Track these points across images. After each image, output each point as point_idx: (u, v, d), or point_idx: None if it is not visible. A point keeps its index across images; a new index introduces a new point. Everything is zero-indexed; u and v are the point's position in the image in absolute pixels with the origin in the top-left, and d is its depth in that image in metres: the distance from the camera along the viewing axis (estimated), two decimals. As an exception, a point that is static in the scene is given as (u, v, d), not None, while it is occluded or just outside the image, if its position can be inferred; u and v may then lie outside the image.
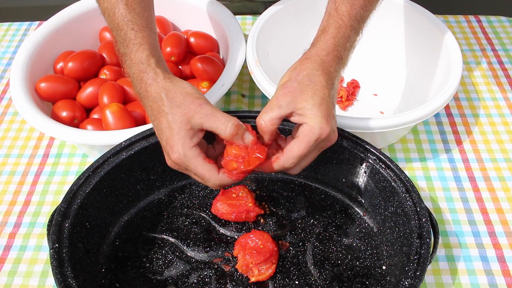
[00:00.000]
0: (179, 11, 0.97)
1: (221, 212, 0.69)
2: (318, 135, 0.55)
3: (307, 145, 0.55)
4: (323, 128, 0.54)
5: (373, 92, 0.91)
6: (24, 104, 0.76)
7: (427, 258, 0.56)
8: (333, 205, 0.71)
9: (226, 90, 0.77)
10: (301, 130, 0.55)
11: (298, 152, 0.55)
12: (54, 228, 0.59)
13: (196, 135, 0.55)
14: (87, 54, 0.87)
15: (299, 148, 0.55)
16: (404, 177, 0.63)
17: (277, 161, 0.57)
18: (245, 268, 0.63)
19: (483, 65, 0.98)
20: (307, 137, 0.55)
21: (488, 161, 0.81)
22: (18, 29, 1.10)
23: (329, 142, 0.57)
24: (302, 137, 0.55)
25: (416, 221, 0.59)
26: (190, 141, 0.55)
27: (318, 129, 0.54)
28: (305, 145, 0.55)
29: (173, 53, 0.87)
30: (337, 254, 0.66)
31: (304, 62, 0.58)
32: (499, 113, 0.89)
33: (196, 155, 0.55)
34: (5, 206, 0.77)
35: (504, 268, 0.68)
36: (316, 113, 0.54)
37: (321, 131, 0.54)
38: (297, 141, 0.55)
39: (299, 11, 0.91)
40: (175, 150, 0.55)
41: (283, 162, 0.57)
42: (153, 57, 0.58)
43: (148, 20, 0.61)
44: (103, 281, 0.63)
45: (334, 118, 0.57)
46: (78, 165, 0.82)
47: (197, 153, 0.55)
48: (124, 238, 0.68)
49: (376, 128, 0.71)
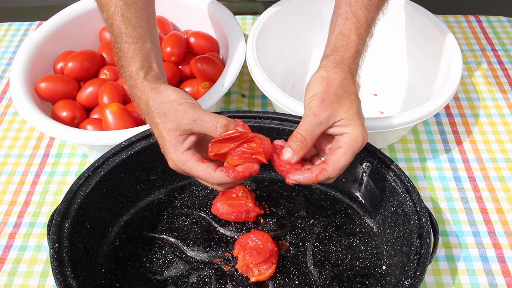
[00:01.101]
0: (179, 11, 0.97)
1: (221, 212, 0.69)
2: (361, 143, 0.56)
3: (353, 155, 0.55)
4: (364, 137, 0.56)
5: (373, 92, 0.91)
6: (24, 104, 0.76)
7: (427, 258, 0.56)
8: (333, 205, 0.71)
9: (226, 90, 0.77)
10: (345, 141, 0.55)
11: (344, 163, 0.55)
12: (54, 228, 0.59)
13: (188, 139, 0.56)
14: (87, 54, 0.87)
15: (345, 158, 0.55)
16: (404, 177, 0.63)
17: (324, 173, 0.55)
18: (245, 268, 0.63)
19: (483, 65, 0.98)
20: (351, 147, 0.55)
21: (488, 161, 0.81)
22: (18, 29, 1.10)
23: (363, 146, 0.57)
24: (347, 147, 0.55)
25: (416, 221, 0.59)
26: (181, 146, 0.56)
27: (361, 137, 0.55)
28: (350, 155, 0.55)
29: (173, 53, 0.87)
30: (337, 254, 0.66)
31: (334, 70, 0.58)
32: (499, 113, 0.88)
33: (188, 159, 0.56)
34: (5, 206, 0.77)
35: (504, 268, 0.68)
36: (356, 123, 0.55)
37: (363, 139, 0.56)
38: (343, 152, 0.55)
39: (299, 11, 0.91)
40: (169, 157, 0.57)
41: (330, 173, 0.55)
42: (142, 69, 0.59)
43: (144, 30, 0.61)
44: (103, 281, 0.63)
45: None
46: (78, 165, 0.82)
47: (189, 157, 0.56)
48: (124, 238, 0.68)
49: (376, 128, 0.71)
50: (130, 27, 0.60)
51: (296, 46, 0.94)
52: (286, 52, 0.93)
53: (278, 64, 0.89)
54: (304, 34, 0.94)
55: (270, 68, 0.82)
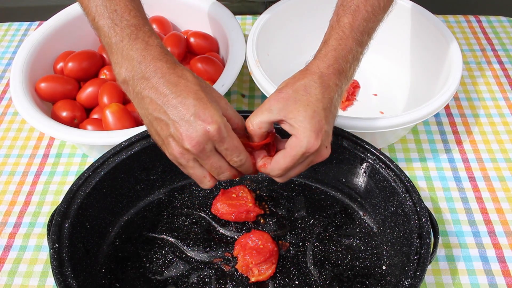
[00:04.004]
0: (179, 11, 0.97)
1: (221, 212, 0.69)
2: (305, 149, 0.53)
3: (293, 159, 0.54)
4: (311, 143, 0.53)
5: (373, 92, 0.91)
6: (24, 104, 0.76)
7: (427, 258, 0.56)
8: (333, 205, 0.71)
9: (226, 90, 0.77)
10: (289, 142, 0.54)
11: (283, 165, 0.54)
12: (54, 228, 0.59)
13: None
14: (87, 54, 0.87)
15: (284, 161, 0.54)
16: (404, 177, 0.63)
17: (264, 168, 0.56)
18: (245, 268, 0.63)
19: (483, 65, 0.98)
20: (293, 150, 0.53)
21: (488, 161, 0.81)
22: (18, 29, 1.10)
23: (320, 158, 0.56)
24: (289, 149, 0.54)
25: (416, 221, 0.59)
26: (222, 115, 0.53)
27: (305, 143, 0.53)
28: (290, 159, 0.54)
29: (173, 53, 0.86)
30: (337, 254, 0.66)
31: (304, 72, 0.57)
32: (499, 113, 0.89)
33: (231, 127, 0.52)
34: (5, 206, 0.77)
35: (504, 268, 0.68)
36: (306, 126, 0.53)
37: (308, 145, 0.53)
38: (283, 153, 0.54)
39: (299, 11, 0.91)
40: (215, 120, 0.50)
41: (269, 170, 0.56)
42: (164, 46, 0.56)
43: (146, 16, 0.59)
44: (103, 281, 0.63)
45: (327, 134, 0.55)
46: (78, 165, 0.82)
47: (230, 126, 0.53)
48: (124, 238, 0.68)
49: (376, 128, 0.71)
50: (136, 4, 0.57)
51: (296, 46, 0.94)
52: (286, 52, 0.93)
53: (278, 64, 0.89)
54: (304, 34, 0.94)
55: (270, 68, 0.82)
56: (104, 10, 0.55)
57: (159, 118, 0.52)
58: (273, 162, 0.55)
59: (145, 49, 0.53)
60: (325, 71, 0.57)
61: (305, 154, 0.54)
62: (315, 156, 0.55)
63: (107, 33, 0.55)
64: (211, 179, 0.55)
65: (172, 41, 0.88)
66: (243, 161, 0.54)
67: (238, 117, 0.56)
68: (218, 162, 0.53)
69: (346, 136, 0.67)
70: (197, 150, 0.51)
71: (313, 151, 0.53)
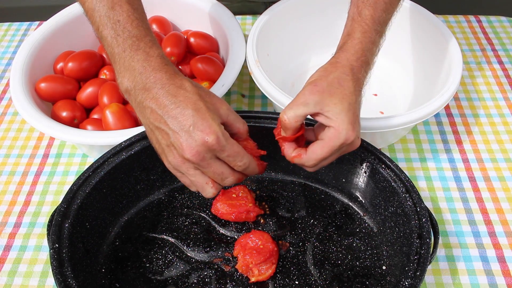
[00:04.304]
0: (179, 11, 0.97)
1: (221, 212, 0.69)
2: (343, 140, 0.55)
3: (331, 149, 0.56)
4: (349, 134, 0.55)
5: (373, 92, 0.91)
6: (24, 104, 0.76)
7: (427, 258, 0.56)
8: (333, 205, 0.71)
9: (226, 90, 0.77)
10: (327, 134, 0.56)
11: (320, 155, 0.56)
12: (54, 228, 0.59)
13: None
14: (87, 54, 0.87)
15: (322, 151, 0.56)
16: (404, 177, 0.63)
17: (299, 159, 0.58)
18: (245, 268, 0.63)
19: (483, 65, 0.98)
20: (331, 141, 0.55)
21: (488, 161, 0.81)
22: (18, 29, 1.10)
23: (352, 147, 0.58)
24: (327, 140, 0.55)
25: (416, 221, 0.59)
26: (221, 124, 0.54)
27: (344, 135, 0.55)
28: (328, 149, 0.56)
29: (173, 53, 0.87)
30: (337, 254, 0.66)
31: (335, 65, 0.58)
32: (499, 113, 0.89)
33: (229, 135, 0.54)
34: (5, 206, 0.77)
35: (504, 268, 0.68)
36: (343, 119, 0.55)
37: (347, 137, 0.55)
38: (321, 144, 0.56)
39: (299, 11, 0.91)
40: (213, 130, 0.51)
41: (304, 161, 0.57)
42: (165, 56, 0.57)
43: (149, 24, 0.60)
44: (103, 281, 0.63)
45: (359, 125, 0.58)
46: (78, 165, 0.82)
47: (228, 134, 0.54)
48: (124, 238, 0.68)
49: (376, 128, 0.71)
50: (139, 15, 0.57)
51: (296, 46, 0.94)
52: (286, 52, 0.93)
53: (278, 64, 0.89)
54: (304, 34, 0.94)
55: (270, 68, 0.82)
56: (107, 20, 0.56)
57: (159, 128, 0.53)
58: (309, 152, 0.57)
59: (146, 60, 0.54)
60: (355, 64, 0.58)
61: (342, 145, 0.56)
62: (348, 147, 0.57)
63: (110, 43, 0.56)
64: (214, 185, 0.56)
65: (172, 41, 0.88)
66: (247, 164, 0.55)
67: (240, 122, 0.57)
68: (220, 168, 0.54)
69: (346, 136, 0.67)
70: (197, 160, 0.52)
71: (350, 142, 0.56)
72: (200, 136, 0.51)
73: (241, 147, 0.55)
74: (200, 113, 0.52)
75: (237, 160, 0.54)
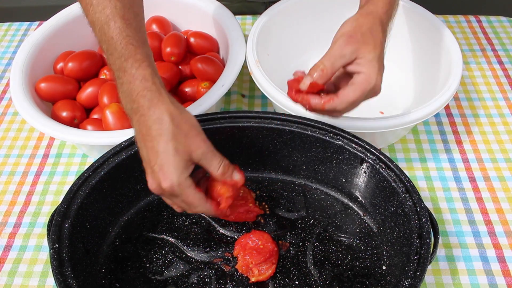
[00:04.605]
0: (179, 11, 0.97)
1: (221, 212, 0.69)
2: (373, 85, 0.60)
3: (362, 93, 0.60)
4: (378, 80, 0.60)
5: (373, 92, 0.91)
6: (24, 104, 0.76)
7: (427, 258, 0.56)
8: (333, 205, 0.71)
9: (226, 90, 0.77)
10: (358, 79, 0.60)
11: (352, 98, 0.60)
12: (54, 228, 0.59)
13: (191, 167, 0.56)
14: (87, 54, 0.87)
15: (354, 94, 0.60)
16: (404, 177, 0.63)
17: (331, 102, 0.61)
18: (245, 268, 0.63)
19: (483, 65, 0.98)
20: (363, 85, 0.59)
21: (488, 161, 0.81)
22: (18, 29, 1.10)
23: (375, 94, 0.62)
24: (359, 85, 0.60)
25: (416, 221, 0.59)
26: (186, 171, 0.55)
27: (374, 80, 0.59)
28: (360, 93, 0.60)
29: (173, 53, 0.87)
30: (337, 254, 0.66)
31: (366, 16, 0.62)
32: (499, 113, 0.88)
33: (189, 184, 0.55)
34: (5, 206, 0.77)
35: (504, 268, 0.68)
36: (374, 65, 0.59)
37: (376, 82, 0.60)
38: (353, 88, 0.60)
39: (299, 11, 0.91)
40: (170, 178, 0.53)
41: (336, 104, 0.60)
42: (156, 76, 0.56)
43: (145, 36, 0.59)
44: (103, 281, 0.63)
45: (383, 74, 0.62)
46: (78, 165, 0.82)
47: (190, 183, 0.55)
48: (124, 238, 0.68)
49: (376, 128, 0.71)
50: (133, 30, 0.57)
51: (296, 46, 0.94)
52: (286, 52, 0.93)
53: (278, 64, 0.89)
54: (304, 34, 0.94)
55: (270, 68, 0.82)
56: (102, 36, 0.58)
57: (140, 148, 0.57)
58: (341, 96, 0.60)
59: (130, 82, 0.56)
60: (383, 16, 0.63)
61: (371, 90, 0.60)
62: (373, 93, 0.62)
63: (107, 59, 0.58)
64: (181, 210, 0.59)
65: (172, 41, 0.88)
66: (200, 211, 0.58)
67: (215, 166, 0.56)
68: (181, 204, 0.58)
69: (346, 136, 0.67)
70: (158, 193, 0.56)
71: (377, 88, 0.61)
72: (158, 178, 0.54)
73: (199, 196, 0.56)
74: (165, 156, 0.53)
75: (187, 208, 0.57)
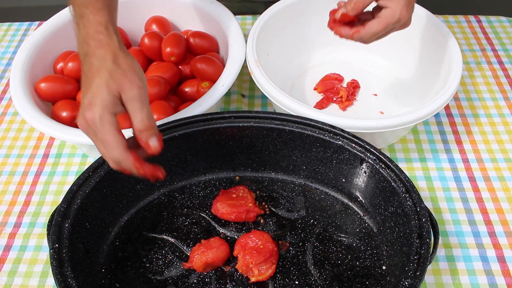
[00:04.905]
0: (179, 11, 0.97)
1: (221, 212, 0.69)
2: (397, 19, 0.65)
3: (385, 26, 0.66)
4: (402, 15, 0.65)
5: (373, 92, 0.91)
6: (24, 104, 0.76)
7: (427, 258, 0.56)
8: (333, 205, 0.71)
9: (226, 90, 0.77)
10: (384, 13, 0.66)
11: (376, 30, 0.66)
12: (54, 228, 0.59)
13: (120, 107, 0.55)
14: (87, 54, 0.87)
15: (378, 27, 0.66)
16: (404, 177, 0.63)
17: (358, 33, 0.68)
18: (245, 268, 0.63)
19: (483, 65, 0.98)
20: (387, 19, 0.65)
21: (488, 161, 0.81)
22: (18, 29, 1.10)
23: (404, 27, 0.68)
24: (384, 18, 0.66)
25: (416, 221, 0.59)
26: (112, 107, 0.54)
27: (398, 14, 0.65)
28: (383, 26, 0.66)
29: (173, 53, 0.87)
30: (337, 254, 0.66)
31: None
32: (499, 113, 0.88)
33: (111, 122, 0.53)
34: (5, 206, 0.77)
35: (504, 268, 0.68)
36: (400, 1, 0.65)
37: (400, 17, 0.65)
38: (378, 21, 0.66)
39: (299, 11, 0.91)
40: (93, 110, 0.53)
41: (362, 35, 0.67)
42: (111, 24, 0.58)
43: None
44: (103, 281, 0.63)
45: (413, 8, 0.67)
46: (78, 165, 0.82)
47: (113, 121, 0.54)
48: (124, 238, 0.68)
49: (376, 128, 0.71)
50: None
51: (296, 46, 0.94)
52: (286, 52, 0.93)
53: (278, 64, 0.89)
54: (304, 34, 0.94)
55: (270, 68, 0.82)
56: None
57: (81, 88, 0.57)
58: (367, 27, 0.67)
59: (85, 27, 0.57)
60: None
61: (395, 24, 0.66)
62: (401, 26, 0.68)
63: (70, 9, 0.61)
64: None
65: (172, 41, 0.88)
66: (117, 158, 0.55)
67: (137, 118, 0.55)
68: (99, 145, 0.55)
69: (346, 136, 0.67)
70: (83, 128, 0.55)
71: (402, 22, 0.66)
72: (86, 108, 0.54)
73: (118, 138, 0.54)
74: (96, 90, 0.53)
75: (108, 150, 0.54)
